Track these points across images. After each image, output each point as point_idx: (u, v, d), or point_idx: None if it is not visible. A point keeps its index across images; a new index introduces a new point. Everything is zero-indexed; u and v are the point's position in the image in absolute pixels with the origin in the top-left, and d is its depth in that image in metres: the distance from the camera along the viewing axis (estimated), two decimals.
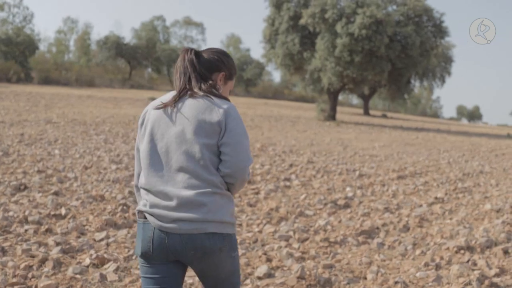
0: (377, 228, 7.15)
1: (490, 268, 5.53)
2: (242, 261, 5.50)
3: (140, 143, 2.80)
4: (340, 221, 7.46)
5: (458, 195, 9.78)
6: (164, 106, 2.72)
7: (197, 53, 2.80)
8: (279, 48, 33.30)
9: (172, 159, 2.65)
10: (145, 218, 2.68)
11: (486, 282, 5.08)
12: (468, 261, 5.78)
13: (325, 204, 8.40)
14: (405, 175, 11.82)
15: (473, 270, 5.47)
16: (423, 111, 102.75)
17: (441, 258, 5.90)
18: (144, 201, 2.70)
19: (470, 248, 6.25)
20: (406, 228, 7.24)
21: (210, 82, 2.75)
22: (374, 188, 10.03)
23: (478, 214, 8.22)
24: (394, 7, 33.84)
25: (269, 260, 5.62)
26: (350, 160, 13.90)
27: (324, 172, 11.52)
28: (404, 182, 10.99)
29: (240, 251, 5.76)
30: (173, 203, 2.59)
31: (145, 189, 2.71)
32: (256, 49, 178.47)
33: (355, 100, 79.91)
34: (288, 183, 10.00)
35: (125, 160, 11.11)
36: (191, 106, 2.65)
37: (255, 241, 6.29)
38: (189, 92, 2.70)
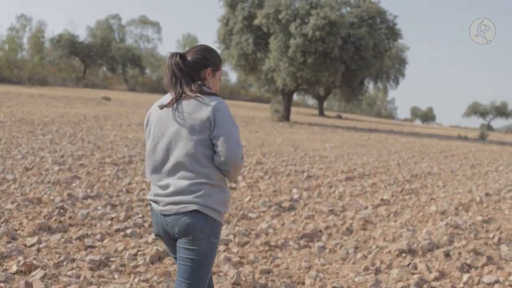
0: (320, 231, 7.02)
1: (430, 272, 5.44)
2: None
3: (147, 142, 3.22)
4: (283, 224, 7.31)
5: (404, 197, 9.75)
6: (163, 107, 3.09)
7: (182, 56, 3.09)
8: (234, 49, 33.12)
9: (171, 155, 3.03)
10: (153, 204, 3.13)
11: (425, 286, 5.00)
12: (408, 265, 5.68)
13: (270, 207, 8.24)
14: (353, 176, 11.76)
15: (413, 274, 5.38)
16: (378, 112, 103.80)
17: (382, 262, 5.79)
18: (151, 190, 3.16)
19: (411, 251, 6.17)
20: (349, 231, 7.13)
21: (199, 82, 3.07)
22: (321, 190, 9.92)
23: (422, 216, 8.17)
24: (348, 8, 34.04)
25: None
26: (299, 161, 13.81)
27: (272, 173, 11.38)
28: (352, 183, 10.93)
29: None
30: (169, 190, 3.00)
31: (152, 182, 3.16)
32: None
33: (311, 101, 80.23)
34: (234, 185, 9.82)
35: (69, 161, 10.75)
36: (184, 107, 3.00)
37: None
38: (183, 95, 3.02)
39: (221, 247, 6.05)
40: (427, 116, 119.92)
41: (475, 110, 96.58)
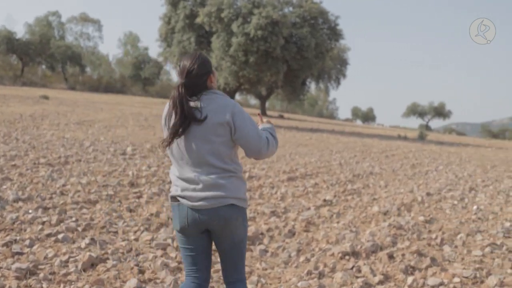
0: (262, 233, 6.82)
1: (374, 275, 5.32)
2: (112, 273, 4.98)
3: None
4: None
5: (347, 197, 9.66)
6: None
7: (189, 69, 3.30)
8: (175, 47, 32.72)
9: (196, 153, 3.29)
10: (177, 201, 3.37)
11: None
12: (352, 268, 5.54)
13: None
14: (295, 176, 11.63)
15: (357, 277, 5.25)
16: (319, 112, 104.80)
17: (325, 265, 5.62)
18: (175, 187, 3.39)
19: (355, 254, 6.04)
20: (291, 233, 6.95)
21: (211, 90, 3.38)
22: (263, 191, 9.73)
23: (365, 217, 8.09)
24: (290, 8, 34.10)
25: (141, 272, 5.14)
26: (241, 162, 13.58)
27: None
28: (294, 184, 10.78)
29: (111, 263, 5.23)
30: (199, 186, 3.28)
31: (176, 177, 3.40)
32: (154, 47, 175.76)
33: (254, 100, 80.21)
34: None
35: (1, 162, 10.16)
36: (209, 111, 3.26)
37: (129, 251, 5.77)
38: (193, 97, 3.33)
39: (158, 252, 5.76)
40: (368, 117, 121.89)
41: (414, 110, 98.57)
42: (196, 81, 3.31)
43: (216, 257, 5.08)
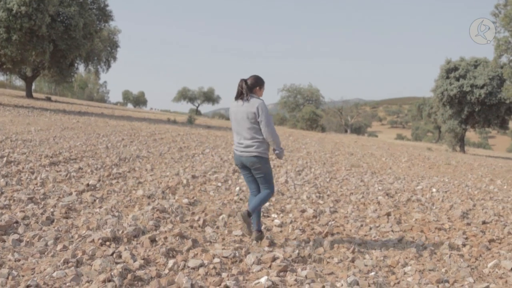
0: (17, 222, 6.31)
1: (135, 260, 5.19)
2: None
3: (231, 121, 6.34)
4: None
5: (111, 182, 9.41)
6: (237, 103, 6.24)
7: (245, 81, 6.19)
8: None
9: (240, 128, 6.16)
10: (235, 151, 6.29)
11: (129, 276, 4.69)
12: (112, 254, 5.35)
13: None
14: (58, 161, 11.06)
15: (116, 263, 5.06)
16: (90, 96, 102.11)
17: (84, 252, 5.34)
18: (234, 145, 6.31)
19: (116, 239, 5.86)
20: (50, 221, 6.54)
21: (252, 94, 6.19)
22: (22, 176, 9.08)
23: (129, 201, 7.93)
24: None
25: None
26: (0, 146, 12.58)
27: None
28: (57, 168, 10.23)
29: None
30: (242, 146, 6.16)
31: (235, 141, 6.31)
32: None
33: (19, 82, 75.46)
34: None
35: None
36: (245, 105, 6.09)
37: None
38: (245, 98, 6.14)
39: None
40: (139, 100, 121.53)
41: (185, 95, 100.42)
42: (250, 84, 6.21)
43: None
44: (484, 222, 8.67)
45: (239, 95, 6.15)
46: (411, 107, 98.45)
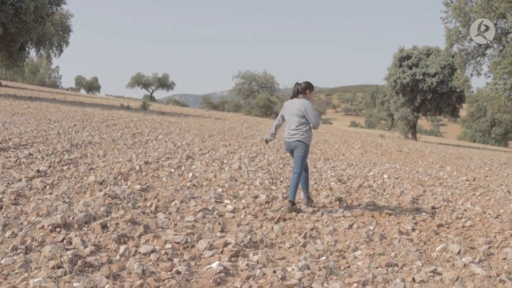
0: None
1: (86, 247, 5.14)
2: None
3: (283, 114, 8.14)
4: None
5: (63, 168, 9.27)
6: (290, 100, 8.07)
7: (299, 84, 7.92)
8: None
9: (290, 121, 7.88)
10: (285, 138, 8.03)
11: (80, 262, 4.65)
12: (62, 240, 5.28)
13: None
14: (8, 147, 10.84)
15: (66, 250, 5.00)
16: (41, 81, 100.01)
17: (33, 239, 5.27)
18: (284, 134, 8.03)
19: (67, 225, 5.79)
20: None
21: (303, 95, 7.92)
22: None
23: (80, 187, 7.84)
24: None
25: None
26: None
27: None
28: (6, 154, 10.03)
29: None
30: (291, 133, 7.86)
31: (286, 130, 7.99)
32: None
33: None
34: None
35: None
36: (297, 102, 7.83)
37: None
38: (297, 97, 7.94)
39: None
40: (92, 86, 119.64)
41: (139, 81, 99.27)
42: (303, 87, 7.88)
43: None
44: (433, 208, 8.90)
45: (294, 95, 7.92)
46: (365, 95, 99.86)
